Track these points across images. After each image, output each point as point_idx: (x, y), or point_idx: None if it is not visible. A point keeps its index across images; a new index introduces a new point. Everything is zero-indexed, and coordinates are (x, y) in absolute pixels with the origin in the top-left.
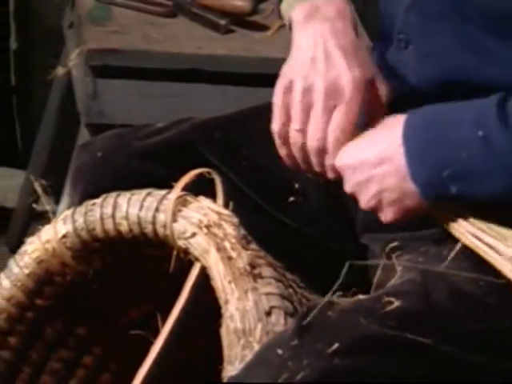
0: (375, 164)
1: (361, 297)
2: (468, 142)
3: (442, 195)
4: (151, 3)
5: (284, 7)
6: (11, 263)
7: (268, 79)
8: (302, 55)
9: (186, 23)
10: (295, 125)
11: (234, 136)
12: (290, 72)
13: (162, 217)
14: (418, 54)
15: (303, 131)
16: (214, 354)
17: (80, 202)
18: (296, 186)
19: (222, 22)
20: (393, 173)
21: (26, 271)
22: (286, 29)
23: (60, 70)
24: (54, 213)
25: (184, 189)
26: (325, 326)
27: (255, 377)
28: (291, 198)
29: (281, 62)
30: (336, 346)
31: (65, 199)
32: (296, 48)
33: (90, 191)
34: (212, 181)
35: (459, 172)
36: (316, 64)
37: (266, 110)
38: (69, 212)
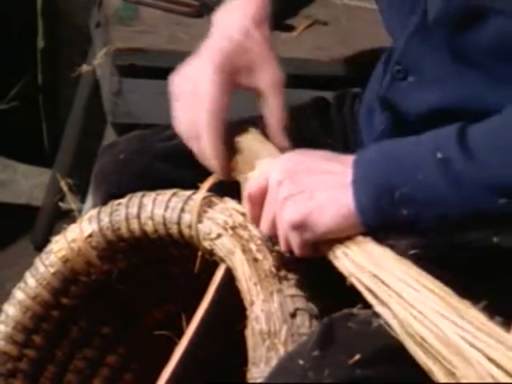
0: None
1: None
2: (425, 164)
3: (391, 219)
4: (178, 3)
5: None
6: (37, 262)
7: (293, 80)
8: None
9: None
10: None
11: None
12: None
13: (187, 217)
14: (417, 84)
15: None
16: (239, 354)
17: (103, 204)
18: None
19: None
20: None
21: (52, 270)
22: (312, 29)
23: (84, 68)
24: (80, 211)
25: (209, 190)
26: (346, 337)
27: None
28: None
29: (307, 62)
30: (357, 356)
31: (90, 198)
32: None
33: (112, 193)
34: (237, 182)
35: (413, 194)
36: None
37: (290, 113)
38: (94, 212)
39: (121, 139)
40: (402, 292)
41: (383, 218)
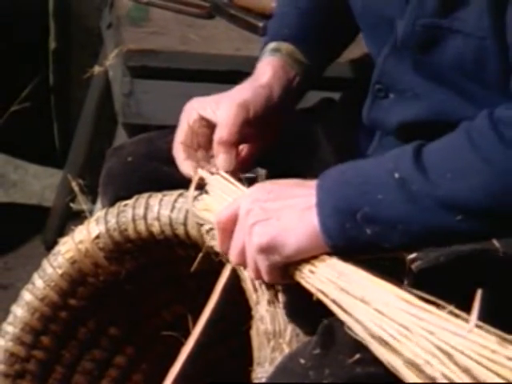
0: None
1: None
2: (384, 184)
3: (356, 240)
4: (189, 4)
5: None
6: (45, 263)
7: None
8: None
9: (224, 25)
10: None
11: None
12: None
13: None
14: (398, 102)
15: None
16: (247, 355)
17: (111, 206)
18: None
19: (260, 23)
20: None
21: (60, 271)
22: None
23: (96, 69)
24: (91, 212)
25: None
26: (347, 337)
27: None
28: None
29: None
30: (358, 356)
31: (99, 200)
32: None
33: (121, 195)
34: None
35: (374, 213)
36: None
37: (299, 114)
38: (101, 213)
39: (127, 142)
40: (365, 297)
41: (349, 239)
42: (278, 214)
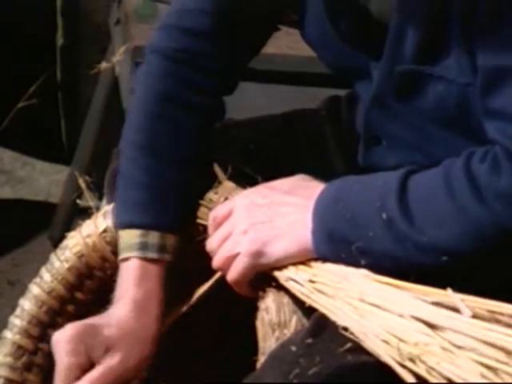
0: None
1: None
2: (373, 223)
3: (352, 265)
4: None
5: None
6: (52, 257)
7: (314, 78)
8: None
9: None
10: None
11: (271, 146)
12: None
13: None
14: (392, 147)
15: None
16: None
17: None
18: None
19: None
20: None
21: (67, 265)
22: None
23: (103, 66)
24: (98, 208)
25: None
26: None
27: (268, 374)
28: None
29: None
30: (349, 345)
31: (105, 198)
32: None
33: None
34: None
35: (367, 248)
36: None
37: (304, 114)
38: (109, 207)
39: None
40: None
41: (344, 263)
42: (270, 222)
